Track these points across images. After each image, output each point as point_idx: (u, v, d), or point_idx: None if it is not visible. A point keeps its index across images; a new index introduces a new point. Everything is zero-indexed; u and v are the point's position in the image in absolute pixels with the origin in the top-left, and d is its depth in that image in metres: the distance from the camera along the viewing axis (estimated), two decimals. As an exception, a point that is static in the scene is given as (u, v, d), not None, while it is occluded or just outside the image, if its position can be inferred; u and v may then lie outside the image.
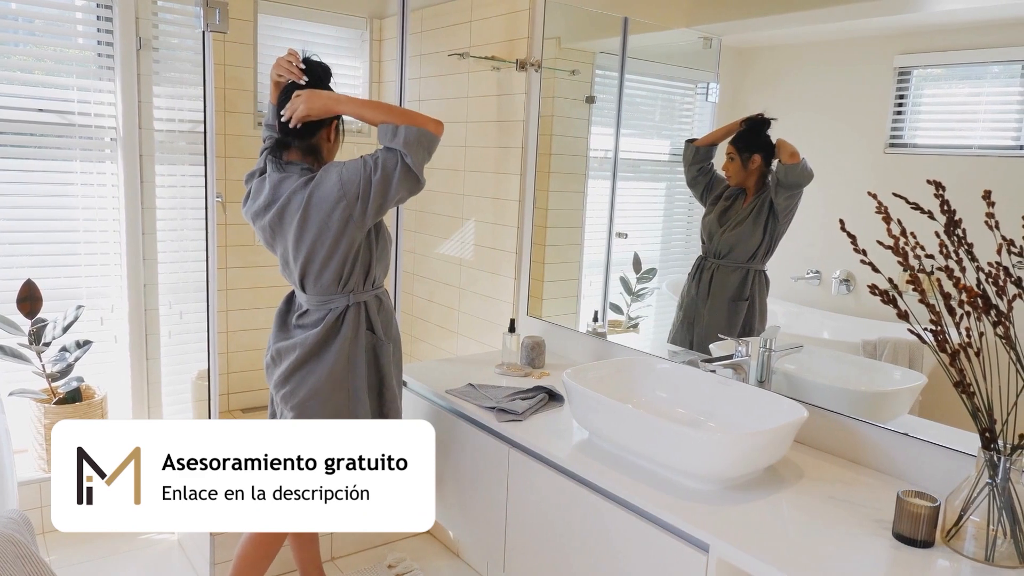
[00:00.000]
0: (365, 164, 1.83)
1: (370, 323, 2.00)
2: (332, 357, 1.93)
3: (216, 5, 2.04)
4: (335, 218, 1.82)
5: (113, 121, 2.97)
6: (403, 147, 1.81)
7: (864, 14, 1.79)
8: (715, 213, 2.12)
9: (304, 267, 1.91)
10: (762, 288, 2.00)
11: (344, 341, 1.93)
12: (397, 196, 1.85)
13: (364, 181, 1.81)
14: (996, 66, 1.59)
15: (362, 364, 1.97)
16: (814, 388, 1.87)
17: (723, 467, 1.54)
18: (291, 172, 1.90)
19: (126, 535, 2.78)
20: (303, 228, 1.86)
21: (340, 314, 1.94)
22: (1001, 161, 1.56)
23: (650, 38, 2.40)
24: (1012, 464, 1.28)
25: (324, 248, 1.86)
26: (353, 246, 1.87)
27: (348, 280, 1.92)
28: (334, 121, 1.95)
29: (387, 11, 3.59)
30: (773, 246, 1.97)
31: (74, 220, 2.98)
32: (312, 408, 1.93)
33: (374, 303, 2.00)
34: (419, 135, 1.83)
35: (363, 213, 1.83)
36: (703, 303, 2.13)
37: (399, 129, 1.82)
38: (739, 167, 2.03)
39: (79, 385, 2.86)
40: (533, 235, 2.70)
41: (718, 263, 2.09)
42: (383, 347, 2.02)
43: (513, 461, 1.87)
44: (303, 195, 1.84)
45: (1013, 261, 1.38)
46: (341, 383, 1.94)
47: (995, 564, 1.28)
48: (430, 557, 2.76)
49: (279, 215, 1.89)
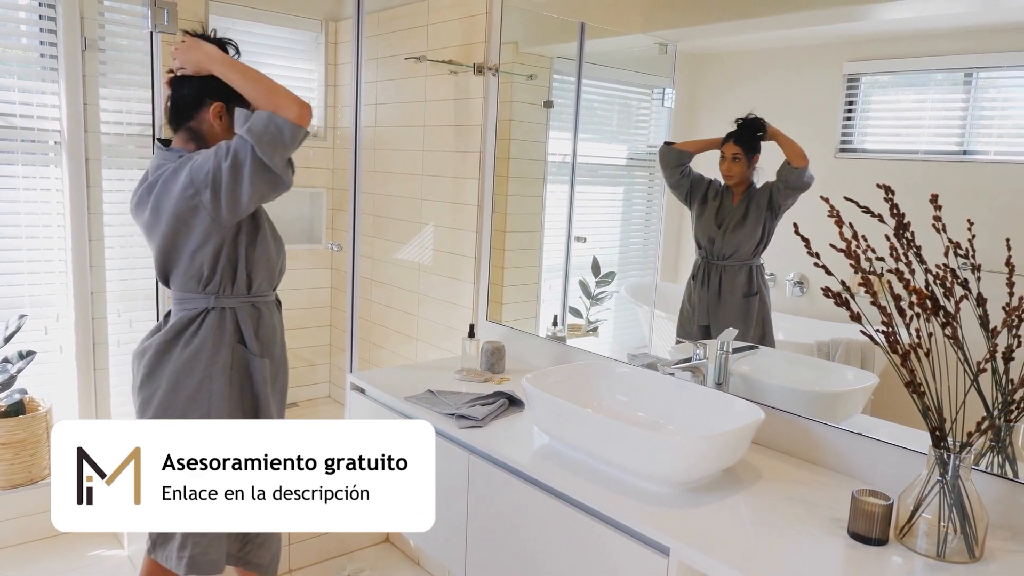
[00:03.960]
0: (218, 150, 1.64)
1: (240, 335, 1.81)
2: (182, 365, 1.73)
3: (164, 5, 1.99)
4: (184, 207, 1.66)
5: (57, 124, 2.88)
6: (249, 136, 1.59)
7: (815, 22, 1.83)
8: (708, 215, 2.12)
9: (162, 258, 1.75)
10: (764, 280, 2.01)
11: (201, 349, 1.73)
12: (254, 191, 1.63)
13: (214, 168, 1.62)
14: (940, 74, 1.63)
15: (223, 381, 1.76)
16: (770, 389, 1.90)
17: (682, 470, 1.55)
18: (169, 158, 1.74)
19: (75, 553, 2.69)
20: (157, 214, 1.70)
21: (196, 316, 1.75)
22: (946, 166, 1.60)
23: (607, 43, 2.41)
24: (961, 462, 1.32)
25: (178, 238, 1.71)
26: (209, 242, 1.70)
27: (209, 281, 1.74)
28: (218, 102, 1.75)
29: (342, 14, 3.55)
30: (768, 241, 1.97)
31: (16, 226, 2.88)
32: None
33: (249, 312, 1.82)
34: (267, 123, 1.60)
35: (215, 205, 1.64)
36: (715, 304, 2.12)
37: (250, 115, 1.63)
38: (743, 167, 2.01)
39: (22, 397, 2.76)
40: (492, 239, 2.69)
41: (724, 264, 2.08)
42: (256, 363, 1.83)
43: (473, 467, 1.85)
44: (163, 179, 1.70)
45: (959, 263, 1.42)
46: (195, 398, 1.74)
47: (946, 560, 1.31)
48: (390, 566, 2.73)
49: (140, 201, 1.75)
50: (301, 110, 1.64)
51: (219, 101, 1.76)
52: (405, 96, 3.12)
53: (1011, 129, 1.54)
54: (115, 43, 2.99)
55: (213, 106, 1.76)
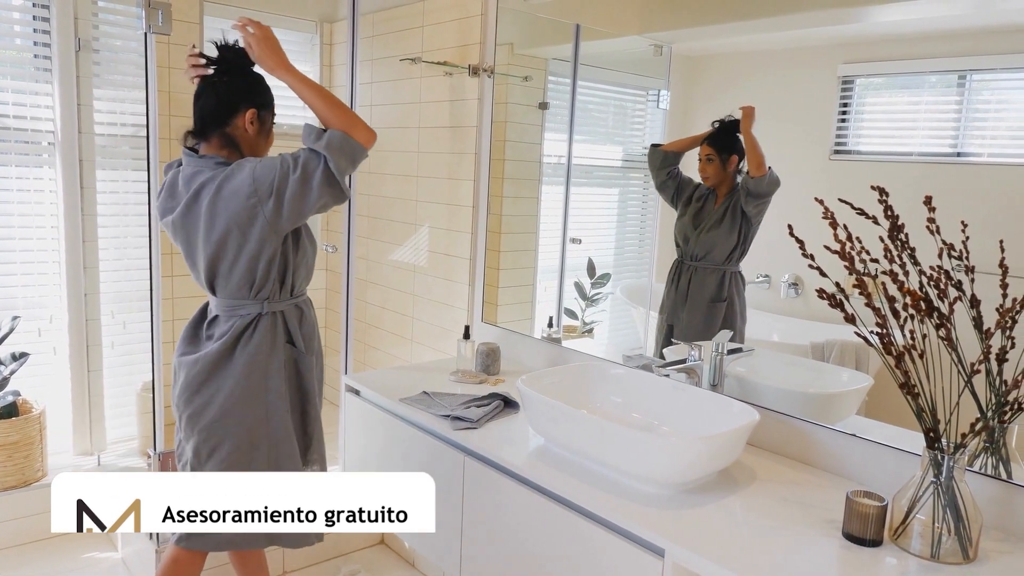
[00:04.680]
0: (283, 161, 1.68)
1: (289, 335, 1.86)
2: (241, 371, 1.77)
3: (159, 6, 1.98)
4: (244, 215, 1.68)
5: (51, 124, 2.87)
6: (326, 150, 1.66)
7: (809, 24, 1.83)
8: (688, 215, 2.13)
9: (212, 266, 1.77)
10: (739, 288, 2.01)
11: (258, 353, 1.78)
12: (318, 202, 1.70)
13: (280, 179, 1.66)
14: (934, 76, 1.64)
15: (280, 380, 1.82)
16: (765, 391, 1.90)
17: (677, 471, 1.55)
18: (205, 165, 1.75)
19: (69, 555, 2.68)
20: (211, 222, 1.72)
21: (250, 323, 1.79)
22: (940, 168, 1.61)
23: (602, 45, 2.41)
24: (955, 463, 1.32)
25: (232, 247, 1.72)
26: (265, 249, 1.73)
27: (262, 287, 1.78)
28: (252, 108, 1.78)
29: (338, 15, 3.55)
30: (746, 248, 1.99)
31: (10, 227, 2.87)
32: (222, 430, 1.77)
33: (294, 313, 1.87)
34: (343, 141, 1.68)
35: (276, 214, 1.68)
36: (682, 305, 2.13)
37: (325, 131, 1.69)
38: (718, 168, 2.03)
39: (15, 399, 2.75)
40: (487, 241, 2.69)
41: (695, 265, 2.09)
42: (305, 361, 1.89)
43: (468, 469, 1.85)
44: (212, 187, 1.70)
45: (953, 265, 1.43)
46: (255, 400, 1.78)
47: (940, 561, 1.32)
48: (385, 568, 2.72)
49: (187, 209, 1.75)
50: (370, 134, 1.75)
51: (253, 107, 1.78)
52: (400, 97, 3.12)
53: (1005, 131, 1.55)
54: (109, 44, 2.99)
55: (248, 112, 1.78)
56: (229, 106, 1.77)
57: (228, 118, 1.77)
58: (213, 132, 1.78)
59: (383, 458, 2.20)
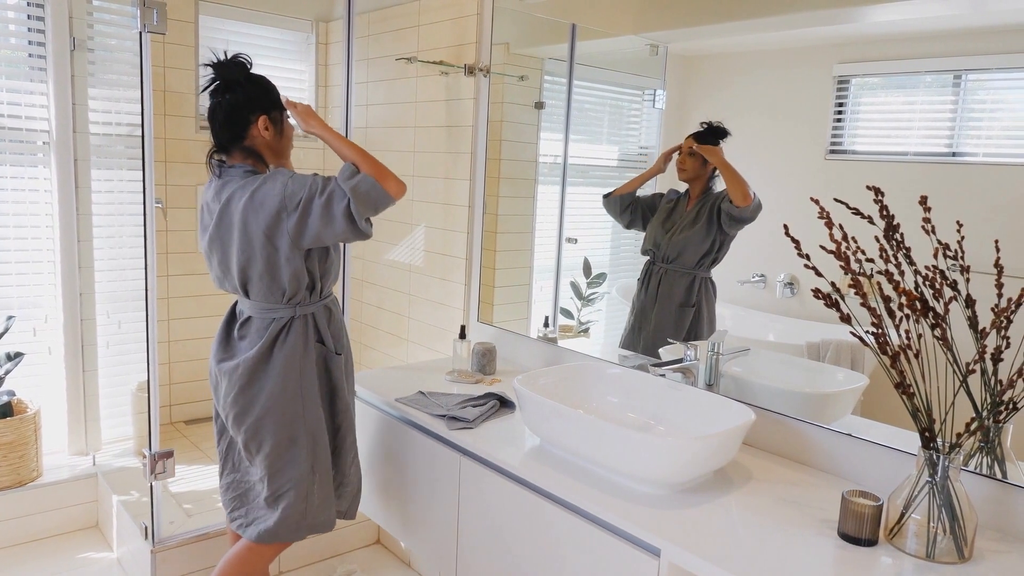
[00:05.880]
0: (314, 183, 1.77)
1: (319, 335, 1.95)
2: (279, 372, 1.86)
3: (154, 5, 1.98)
4: (273, 224, 1.77)
5: (46, 124, 2.86)
6: (351, 192, 1.74)
7: (805, 24, 1.83)
8: (658, 218, 2.14)
9: (244, 270, 1.84)
10: (708, 295, 2.03)
11: (293, 354, 1.87)
12: (336, 234, 1.77)
13: (307, 199, 1.75)
14: (929, 75, 1.64)
15: (313, 376, 1.91)
16: (761, 390, 1.90)
17: (674, 471, 1.55)
18: (233, 175, 1.84)
19: (64, 555, 2.67)
20: (244, 227, 1.79)
21: (284, 325, 1.87)
22: (935, 168, 1.61)
23: (598, 45, 2.41)
24: (950, 463, 1.32)
25: (263, 253, 1.80)
26: (292, 259, 1.81)
27: (294, 294, 1.86)
28: (262, 115, 1.85)
29: (333, 14, 3.54)
30: (719, 256, 1.99)
31: (5, 227, 2.86)
32: (267, 428, 1.86)
33: (323, 314, 1.95)
34: (370, 189, 1.77)
35: (298, 232, 1.77)
36: (651, 308, 2.15)
37: (357, 174, 1.79)
38: (698, 163, 2.04)
39: (10, 399, 2.74)
40: (483, 240, 2.69)
41: (666, 268, 2.10)
42: (334, 359, 1.98)
43: (464, 469, 1.85)
44: (245, 195, 1.78)
45: (948, 265, 1.43)
46: (293, 398, 1.88)
47: (936, 560, 1.32)
48: (381, 568, 2.72)
49: (219, 219, 1.82)
50: (400, 187, 1.85)
51: (263, 113, 1.85)
52: (396, 97, 3.12)
53: (1000, 131, 1.55)
54: (104, 43, 2.98)
55: (260, 119, 1.85)
56: (241, 120, 1.84)
57: (243, 131, 1.85)
58: (234, 147, 1.86)
59: (379, 458, 2.20)
